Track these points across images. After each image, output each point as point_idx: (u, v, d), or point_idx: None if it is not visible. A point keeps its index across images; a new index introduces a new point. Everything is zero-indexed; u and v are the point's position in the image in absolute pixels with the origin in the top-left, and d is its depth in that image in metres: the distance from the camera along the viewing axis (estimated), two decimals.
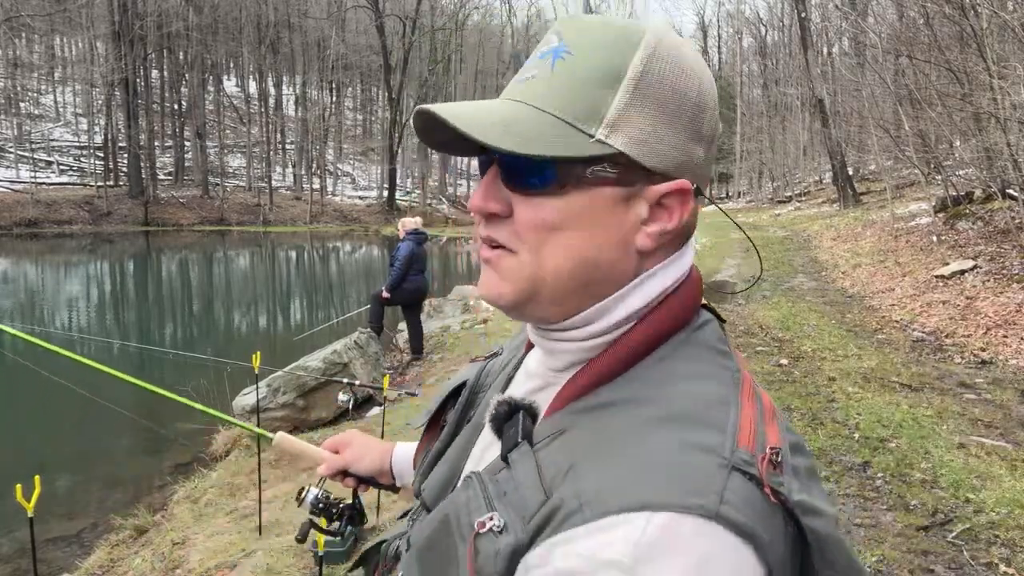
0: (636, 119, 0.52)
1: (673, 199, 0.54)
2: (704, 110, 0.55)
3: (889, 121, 14.38)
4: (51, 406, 7.35)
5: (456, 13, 47.54)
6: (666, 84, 0.53)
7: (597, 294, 0.55)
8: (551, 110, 0.52)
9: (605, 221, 0.53)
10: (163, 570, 3.17)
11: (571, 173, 0.52)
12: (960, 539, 2.84)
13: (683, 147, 0.54)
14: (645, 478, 0.44)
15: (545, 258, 0.53)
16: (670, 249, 0.57)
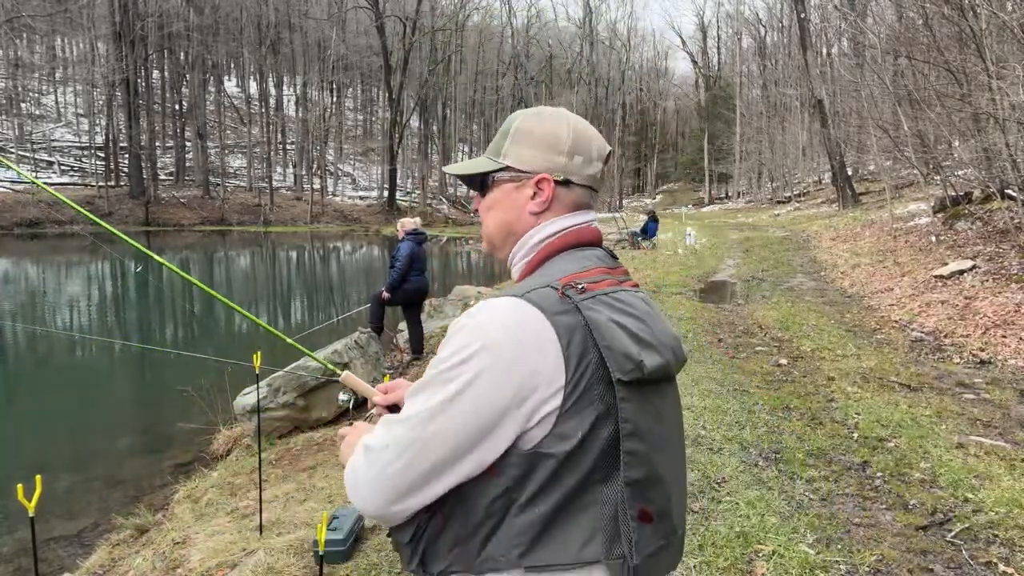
0: (513, 148, 1.03)
1: (543, 184, 1.01)
2: (558, 137, 1.01)
3: (888, 121, 14.38)
4: (52, 406, 7.36)
5: (456, 14, 47.54)
6: (527, 131, 1.03)
7: (515, 241, 1.04)
8: (487, 155, 1.07)
9: (505, 200, 1.04)
10: (164, 569, 3.17)
11: (487, 180, 1.05)
12: (959, 538, 2.85)
13: (545, 158, 1.01)
14: (514, 289, 0.91)
15: (487, 226, 1.07)
16: (558, 211, 1.02)
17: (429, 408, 0.85)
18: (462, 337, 0.86)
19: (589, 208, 1.05)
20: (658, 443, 0.91)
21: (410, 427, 0.86)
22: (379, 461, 0.87)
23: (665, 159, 67.33)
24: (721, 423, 4.29)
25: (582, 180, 1.02)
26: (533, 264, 1.00)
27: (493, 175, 1.03)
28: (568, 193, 1.01)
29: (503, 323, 0.85)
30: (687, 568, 2.64)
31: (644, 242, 17.81)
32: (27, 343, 10.84)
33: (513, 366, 0.83)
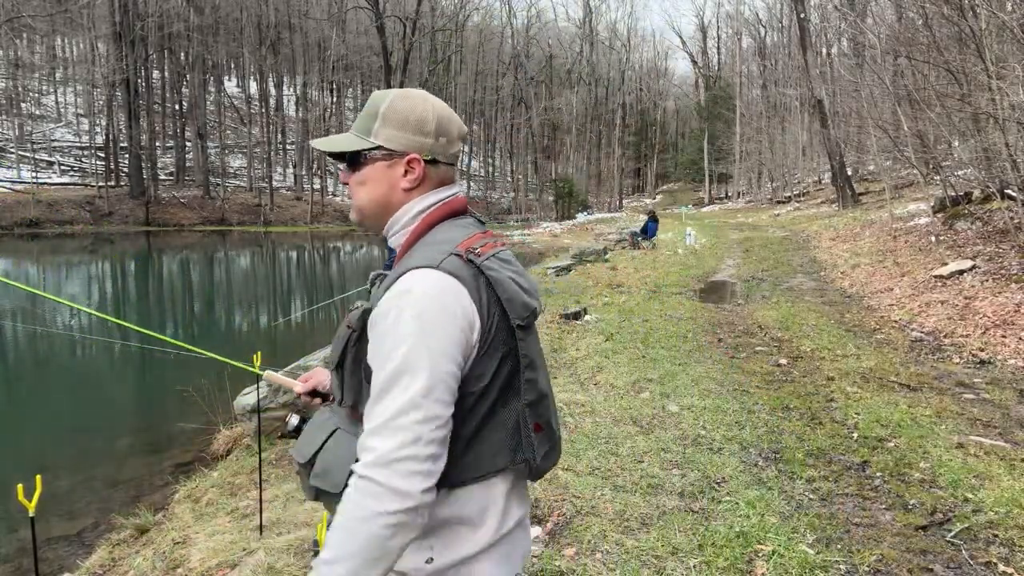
0: (384, 129, 1.12)
1: (414, 163, 1.12)
2: (425, 120, 1.12)
3: (888, 121, 14.38)
4: (52, 406, 7.37)
5: (456, 14, 47.55)
6: (397, 113, 1.12)
7: (387, 216, 1.15)
8: (354, 132, 1.15)
9: (378, 177, 1.13)
10: (164, 569, 3.18)
11: (359, 157, 1.14)
12: (959, 538, 2.85)
13: (412, 139, 1.12)
14: (414, 260, 1.04)
15: (360, 199, 1.16)
16: (427, 187, 1.14)
17: (411, 400, 0.96)
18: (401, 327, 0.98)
19: (453, 183, 1.19)
20: (541, 369, 1.13)
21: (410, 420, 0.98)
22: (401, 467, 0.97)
23: (665, 159, 67.33)
24: (721, 423, 4.29)
25: (447, 159, 1.15)
26: (417, 233, 1.12)
27: (366, 153, 1.12)
28: (435, 171, 1.14)
29: (426, 293, 0.99)
30: (687, 568, 2.64)
31: (644, 242, 17.81)
32: (27, 343, 10.85)
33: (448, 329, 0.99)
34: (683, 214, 29.31)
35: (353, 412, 1.09)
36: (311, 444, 1.13)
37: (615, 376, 5.42)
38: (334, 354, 1.11)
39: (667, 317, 8.02)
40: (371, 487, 0.92)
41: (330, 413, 1.16)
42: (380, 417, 0.95)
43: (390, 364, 0.97)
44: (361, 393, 1.06)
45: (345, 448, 1.07)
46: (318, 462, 1.10)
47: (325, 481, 1.08)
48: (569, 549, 2.80)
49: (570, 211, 40.51)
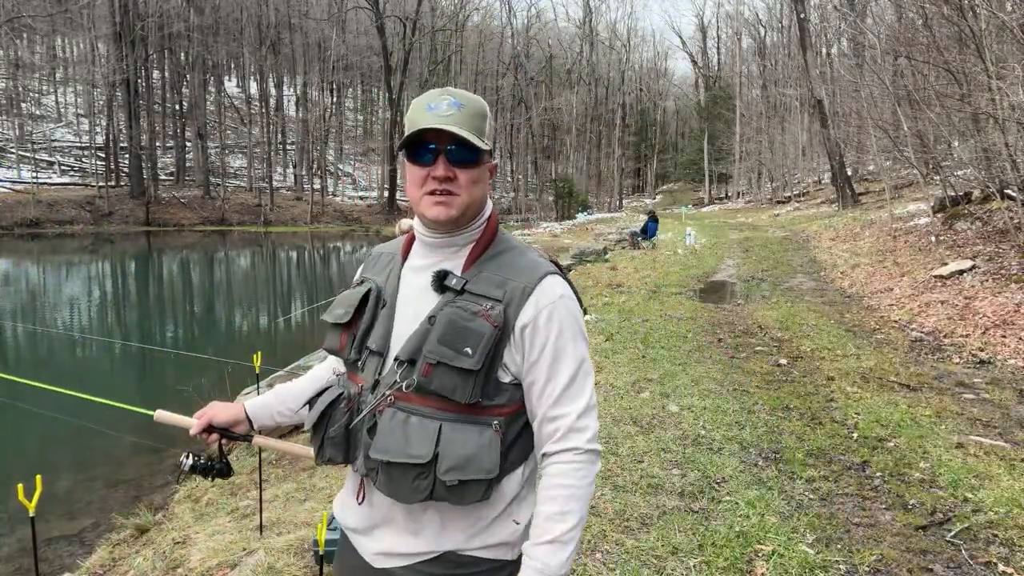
0: (489, 136, 1.18)
1: (493, 171, 1.23)
2: (492, 129, 1.21)
3: (888, 122, 14.38)
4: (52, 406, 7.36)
5: (456, 14, 47.53)
6: (490, 122, 1.19)
7: (478, 214, 1.21)
8: (470, 130, 1.13)
9: (484, 179, 1.19)
10: (164, 569, 3.18)
11: (480, 157, 1.16)
12: (959, 538, 2.85)
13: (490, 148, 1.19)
14: (539, 266, 1.17)
15: (471, 197, 1.17)
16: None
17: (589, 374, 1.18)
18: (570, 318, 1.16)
19: None
20: None
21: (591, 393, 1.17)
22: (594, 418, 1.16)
23: (665, 159, 67.31)
24: (721, 423, 4.29)
25: None
26: (491, 233, 1.21)
27: (484, 154, 1.17)
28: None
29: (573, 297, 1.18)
30: (687, 568, 2.64)
31: (644, 242, 17.81)
32: (27, 343, 10.84)
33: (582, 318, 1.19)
34: (683, 214, 29.30)
35: (473, 407, 1.11)
36: (421, 443, 1.09)
37: (615, 376, 5.42)
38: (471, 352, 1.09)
39: (667, 317, 8.02)
40: (593, 456, 1.13)
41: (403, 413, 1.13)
42: (582, 402, 1.13)
43: (575, 358, 1.14)
44: (488, 386, 1.12)
45: (475, 437, 1.10)
46: (446, 457, 1.08)
47: (469, 471, 1.08)
48: None
49: (570, 211, 40.50)
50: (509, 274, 1.15)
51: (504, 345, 1.12)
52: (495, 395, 1.13)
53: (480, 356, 1.08)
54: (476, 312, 1.10)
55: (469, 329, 1.09)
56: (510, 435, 1.14)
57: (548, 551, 1.07)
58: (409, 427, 1.11)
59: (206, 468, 1.37)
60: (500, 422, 1.12)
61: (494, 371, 1.12)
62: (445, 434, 1.10)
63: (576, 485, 1.10)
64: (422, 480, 1.09)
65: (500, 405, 1.13)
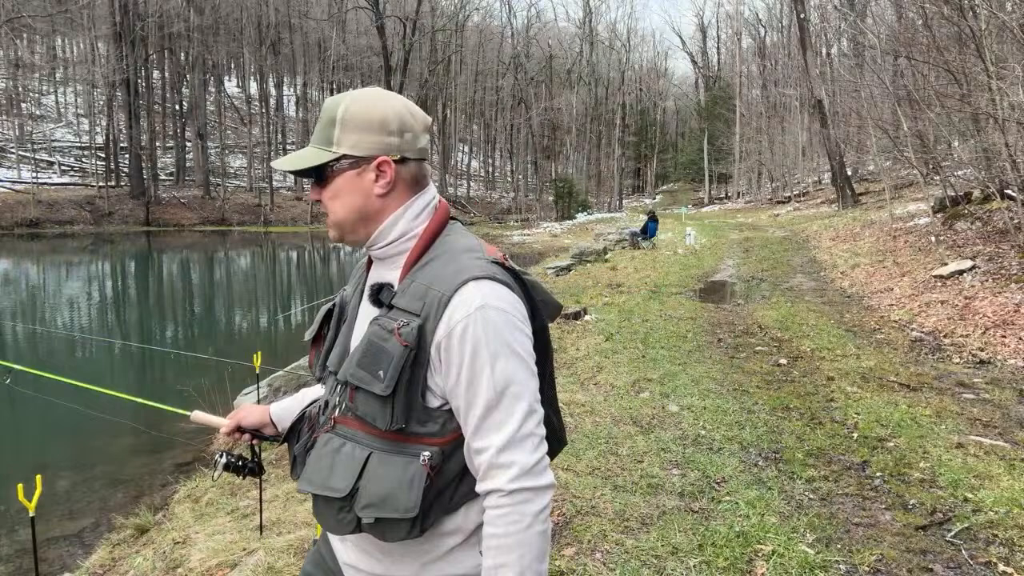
0: (346, 136, 1.06)
1: (384, 166, 1.07)
2: (387, 119, 1.06)
3: (888, 122, 14.38)
4: (52, 406, 7.36)
5: (456, 14, 47.53)
6: (356, 116, 1.06)
7: (372, 223, 1.10)
8: (315, 144, 1.09)
9: (350, 188, 1.07)
10: (164, 569, 3.18)
11: (326, 171, 1.08)
12: (959, 538, 2.85)
13: (379, 141, 1.06)
14: (463, 271, 1.02)
15: (337, 213, 1.09)
16: (403, 188, 1.10)
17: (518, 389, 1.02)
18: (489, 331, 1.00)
19: (427, 178, 1.14)
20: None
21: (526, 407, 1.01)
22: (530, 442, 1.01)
23: (665, 159, 67.32)
24: (721, 423, 4.29)
25: (416, 154, 1.10)
26: (427, 240, 1.10)
27: (331, 165, 1.07)
28: (406, 169, 1.09)
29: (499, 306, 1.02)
30: (687, 568, 2.64)
31: (644, 242, 17.81)
32: (27, 343, 10.84)
33: (524, 334, 1.04)
34: (683, 214, 29.30)
35: (399, 434, 1.02)
36: (343, 476, 1.03)
37: (615, 376, 5.42)
38: (381, 376, 1.00)
39: (667, 317, 8.02)
40: (526, 495, 0.97)
41: (339, 439, 1.07)
42: (506, 432, 0.98)
43: (495, 380, 0.98)
44: (413, 412, 1.02)
45: (399, 470, 1.01)
46: (364, 493, 1.01)
47: (385, 509, 1.00)
48: (569, 549, 2.80)
49: (570, 211, 40.48)
50: (432, 281, 1.03)
51: (423, 366, 1.01)
52: (425, 421, 1.02)
53: (390, 380, 0.99)
54: (391, 330, 1.00)
55: (383, 350, 1.00)
56: (457, 464, 1.03)
57: None
58: (339, 456, 1.05)
59: (239, 466, 1.40)
60: (433, 453, 1.01)
61: (415, 395, 1.02)
62: (370, 466, 1.02)
63: (504, 533, 0.96)
64: (345, 514, 1.04)
65: (431, 434, 1.02)
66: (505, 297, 1.02)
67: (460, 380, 0.99)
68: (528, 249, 25.44)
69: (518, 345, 1.01)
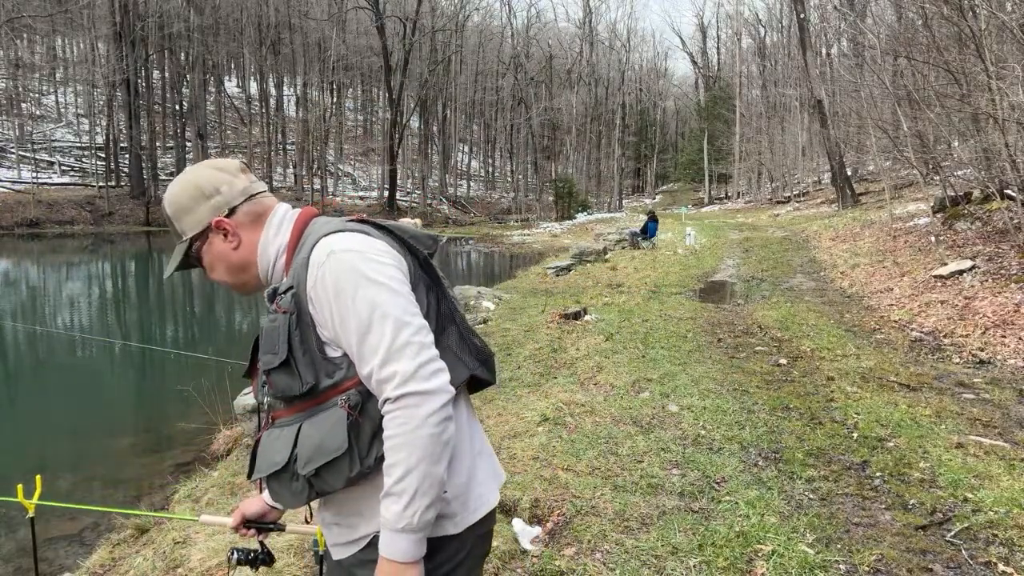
0: (183, 224, 1.21)
1: (220, 225, 1.20)
2: (198, 189, 1.20)
3: (888, 122, 14.38)
4: (52, 406, 7.37)
5: (456, 14, 47.52)
6: (176, 206, 1.21)
7: (250, 269, 1.24)
8: (177, 241, 1.23)
9: (215, 256, 1.22)
10: (164, 569, 3.18)
11: (192, 258, 1.24)
12: (959, 538, 2.85)
13: (199, 213, 1.20)
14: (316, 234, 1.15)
15: (224, 279, 1.26)
16: (256, 227, 1.23)
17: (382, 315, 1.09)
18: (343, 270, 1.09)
19: (267, 204, 1.25)
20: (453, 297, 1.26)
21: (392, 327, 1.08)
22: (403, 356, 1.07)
23: (665, 159, 67.32)
24: (721, 423, 4.29)
25: (240, 197, 1.21)
26: (293, 241, 1.19)
27: (190, 251, 1.22)
28: (241, 213, 1.21)
29: (347, 247, 1.11)
30: (687, 568, 2.64)
31: (644, 242, 17.81)
32: (27, 343, 10.84)
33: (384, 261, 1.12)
34: (683, 214, 29.30)
35: (314, 396, 1.12)
36: (281, 449, 1.15)
37: (615, 376, 5.42)
38: (276, 349, 1.12)
39: (667, 317, 8.02)
40: (411, 399, 1.04)
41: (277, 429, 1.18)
42: (381, 350, 1.05)
43: (359, 309, 1.06)
44: (318, 367, 1.11)
45: (325, 423, 1.10)
46: (301, 454, 1.12)
47: (320, 457, 1.10)
48: (569, 549, 2.81)
49: (570, 211, 40.47)
50: (298, 254, 1.16)
51: (308, 323, 1.11)
52: (332, 372, 1.11)
53: (283, 345, 1.11)
54: (273, 311, 1.13)
55: (274, 329, 1.13)
56: (373, 407, 1.10)
57: (384, 505, 1.06)
58: (277, 440, 1.16)
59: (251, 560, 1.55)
60: (349, 395, 1.10)
61: (312, 351, 1.11)
62: (303, 432, 1.12)
63: (393, 435, 1.04)
64: (294, 483, 1.14)
65: (341, 380, 1.11)
66: (354, 240, 1.12)
67: (334, 320, 1.08)
68: (528, 249, 25.44)
69: (374, 273, 1.08)
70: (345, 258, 1.09)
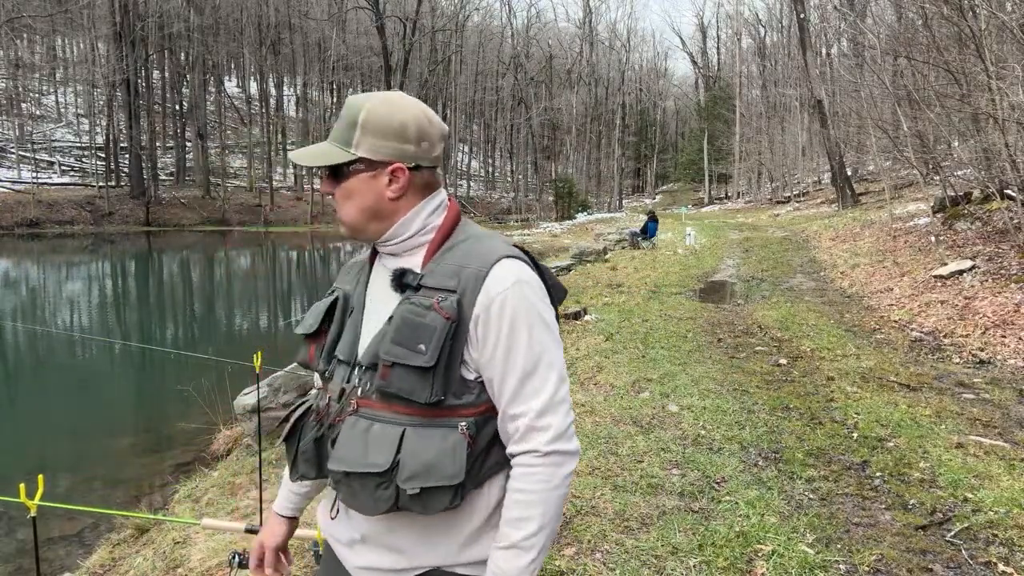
0: (364, 140, 1.09)
1: (398, 173, 1.10)
2: (406, 126, 1.10)
3: (888, 122, 14.38)
4: (52, 406, 7.37)
5: (456, 14, 47.53)
6: (376, 122, 1.09)
7: (385, 222, 1.13)
8: (334, 142, 1.12)
9: (364, 189, 1.11)
10: (164, 569, 3.18)
11: (342, 170, 1.12)
12: (959, 538, 2.85)
13: (396, 148, 1.10)
14: (494, 251, 1.09)
15: (348, 212, 1.13)
16: (421, 194, 1.14)
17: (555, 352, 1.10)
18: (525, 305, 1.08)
19: (438, 182, 1.20)
20: None
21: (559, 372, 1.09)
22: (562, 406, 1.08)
23: (665, 159, 67.32)
24: (721, 423, 4.29)
25: (429, 163, 1.14)
26: (445, 231, 1.14)
27: (348, 166, 1.10)
28: (420, 176, 1.13)
29: (531, 282, 1.10)
30: (687, 568, 2.64)
31: (644, 242, 17.81)
32: (27, 343, 10.84)
33: (551, 309, 1.13)
34: (683, 214, 29.30)
35: (434, 408, 1.04)
36: (381, 451, 1.04)
37: (615, 376, 5.42)
38: (423, 349, 1.02)
39: (667, 317, 8.02)
40: (557, 458, 1.04)
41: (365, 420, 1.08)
42: (542, 398, 1.05)
43: (532, 349, 1.05)
44: (450, 384, 1.05)
45: (438, 441, 1.03)
46: (406, 465, 1.03)
47: (431, 478, 1.02)
48: (569, 549, 2.81)
49: (570, 211, 40.48)
50: (464, 261, 1.08)
51: (462, 338, 1.05)
52: (461, 394, 1.06)
53: (433, 351, 1.02)
54: (428, 306, 1.04)
55: (422, 324, 1.03)
56: (485, 437, 1.07)
57: (505, 557, 1.03)
58: (370, 435, 1.06)
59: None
60: (469, 423, 1.05)
61: (455, 367, 1.05)
62: (407, 440, 1.04)
63: (533, 490, 1.03)
64: (383, 490, 1.04)
65: (467, 404, 1.06)
66: (532, 274, 1.11)
67: (497, 350, 1.04)
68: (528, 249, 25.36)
69: (548, 316, 1.09)
70: (528, 292, 1.06)
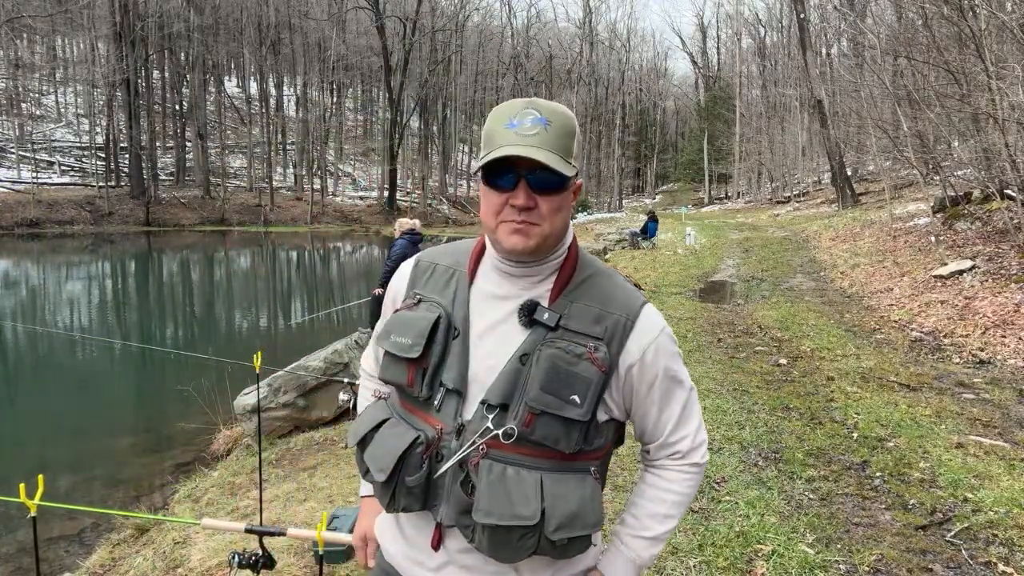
0: (577, 152, 1.04)
1: (578, 189, 1.08)
2: (577, 143, 1.05)
3: (888, 122, 14.38)
4: (53, 406, 7.37)
5: (456, 14, 47.53)
6: (575, 138, 1.03)
7: (562, 238, 1.08)
8: (556, 152, 0.98)
9: (568, 204, 1.05)
10: (164, 569, 3.18)
11: (566, 183, 1.02)
12: (958, 538, 2.85)
13: (575, 161, 1.03)
14: (633, 297, 1.09)
15: (554, 225, 1.03)
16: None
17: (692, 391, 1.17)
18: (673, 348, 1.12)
19: None
20: None
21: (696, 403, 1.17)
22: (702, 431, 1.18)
23: (665, 159, 67.30)
24: (721, 423, 4.29)
25: None
26: (573, 260, 1.10)
27: (570, 179, 1.01)
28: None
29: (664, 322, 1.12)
30: (687, 568, 2.64)
31: (644, 242, 17.81)
32: (27, 343, 10.84)
33: None
34: (683, 214, 29.29)
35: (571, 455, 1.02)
36: (526, 502, 0.98)
37: None
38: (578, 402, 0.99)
39: (667, 317, 7.98)
40: (702, 469, 1.18)
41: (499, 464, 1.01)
42: (696, 420, 1.16)
43: (685, 386, 1.13)
44: (590, 431, 1.03)
45: (577, 487, 1.02)
46: (553, 515, 0.98)
47: (575, 527, 1.00)
48: None
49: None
50: (606, 306, 1.05)
51: (607, 386, 1.03)
52: (594, 439, 1.04)
53: (589, 405, 0.99)
54: (580, 354, 0.99)
55: (575, 375, 0.98)
56: (603, 478, 1.12)
57: (644, 546, 1.13)
58: (508, 482, 1.00)
59: (252, 563, 1.58)
60: (597, 467, 1.07)
61: (597, 415, 1.03)
62: (547, 488, 0.99)
63: (686, 494, 1.16)
64: (528, 540, 0.99)
65: (597, 448, 1.06)
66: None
67: (654, 390, 1.09)
68: None
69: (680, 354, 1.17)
70: (670, 334, 1.11)
